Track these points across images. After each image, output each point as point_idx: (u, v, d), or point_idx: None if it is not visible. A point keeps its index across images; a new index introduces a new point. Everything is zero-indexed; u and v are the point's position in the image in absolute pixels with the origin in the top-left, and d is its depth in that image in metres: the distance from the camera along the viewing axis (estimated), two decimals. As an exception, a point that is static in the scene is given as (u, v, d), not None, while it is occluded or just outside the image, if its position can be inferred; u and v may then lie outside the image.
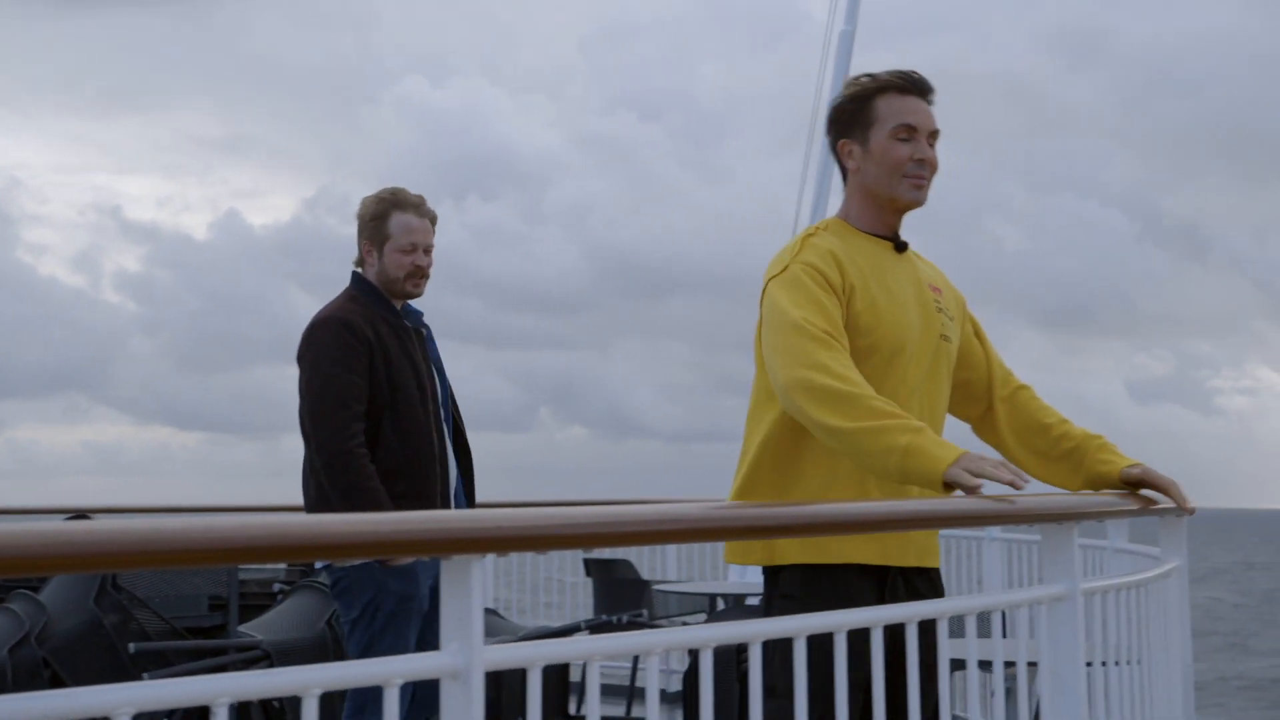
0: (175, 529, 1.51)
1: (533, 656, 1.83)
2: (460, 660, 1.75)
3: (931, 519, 2.76)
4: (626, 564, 8.55)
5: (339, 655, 5.56)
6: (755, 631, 2.09)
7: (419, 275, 4.16)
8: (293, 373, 4.09)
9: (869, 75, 3.10)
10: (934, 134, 3.06)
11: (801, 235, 3.05)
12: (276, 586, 6.40)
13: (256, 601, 6.26)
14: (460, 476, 4.23)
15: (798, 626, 2.19)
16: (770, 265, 3.02)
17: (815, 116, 10.26)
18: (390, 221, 4.14)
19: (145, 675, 5.16)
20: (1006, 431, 3.20)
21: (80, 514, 6.64)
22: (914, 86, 3.06)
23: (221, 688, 1.60)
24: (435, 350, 4.25)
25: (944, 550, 7.95)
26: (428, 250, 4.18)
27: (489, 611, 7.29)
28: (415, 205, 4.17)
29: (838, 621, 2.24)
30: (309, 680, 1.64)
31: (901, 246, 3.10)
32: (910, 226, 3.14)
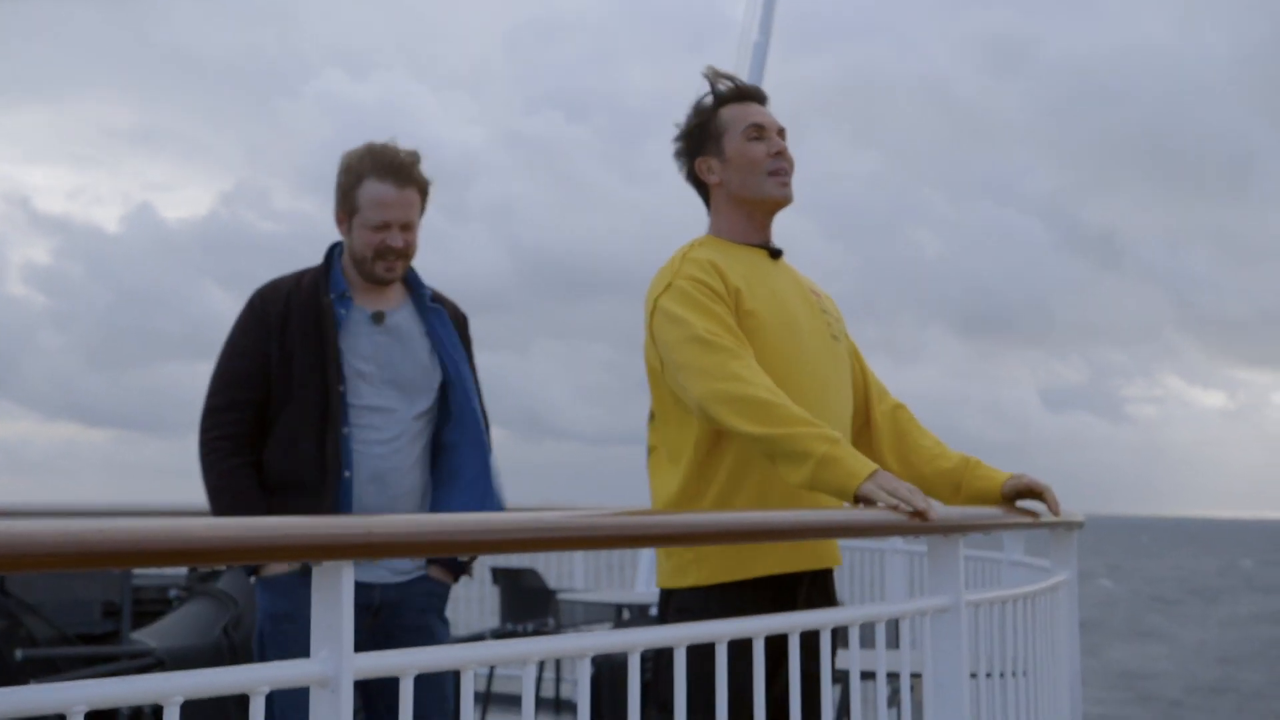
0: (30, 531, 1.47)
1: (404, 665, 1.81)
2: (329, 668, 1.72)
3: (820, 528, 2.77)
4: (532, 573, 8.52)
5: (234, 664, 5.48)
6: (633, 641, 2.08)
7: (392, 256, 3.42)
8: (204, 369, 3.57)
9: (706, 94, 3.17)
10: (782, 131, 3.15)
11: (679, 252, 3.07)
12: (173, 593, 6.30)
13: (152, 608, 6.16)
14: (446, 496, 3.48)
15: (678, 636, 2.19)
16: (652, 285, 3.03)
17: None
18: (361, 190, 3.41)
19: (33, 683, 5.05)
20: (885, 448, 3.23)
21: (-30, 517, 6.49)
22: (749, 94, 3.17)
23: (78, 695, 1.56)
24: (444, 337, 3.50)
25: (846, 561, 8.01)
26: (406, 227, 3.42)
27: None
28: (395, 171, 3.41)
29: (719, 631, 2.24)
30: (170, 688, 1.61)
31: (776, 253, 3.14)
32: (833, 230, 3.26)
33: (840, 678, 2.80)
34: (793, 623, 2.39)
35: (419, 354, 3.47)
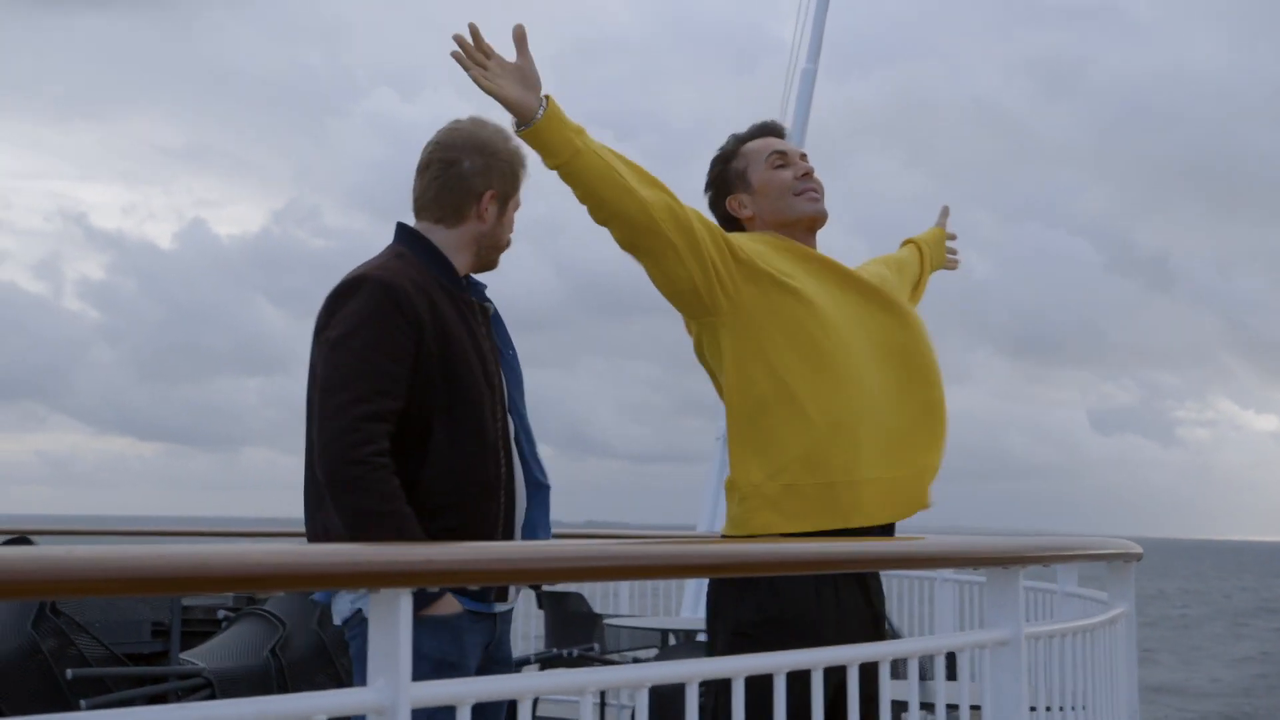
0: (97, 558, 1.47)
1: (461, 694, 1.80)
2: (386, 697, 1.71)
3: (878, 560, 2.74)
4: (578, 597, 8.48)
5: (282, 685, 5.49)
6: (692, 671, 2.05)
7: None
8: (254, 385, 3.07)
9: (731, 138, 3.26)
10: (804, 156, 3.22)
11: None
12: (221, 614, 6.32)
13: (200, 629, 6.17)
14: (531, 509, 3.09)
15: (737, 667, 2.16)
16: None
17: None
18: (523, 174, 3.14)
19: (83, 702, 5.07)
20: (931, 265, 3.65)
21: (21, 538, 6.54)
22: (766, 130, 3.26)
23: (136, 721, 1.55)
24: (507, 338, 3.16)
25: (895, 591, 7.93)
26: None
27: None
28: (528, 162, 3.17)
29: (779, 663, 2.21)
30: (227, 715, 1.60)
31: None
32: (882, 250, 3.62)
33: (899, 709, 2.76)
34: (852, 655, 2.36)
35: None
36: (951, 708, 2.96)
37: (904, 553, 2.69)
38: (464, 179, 3.05)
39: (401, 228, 3.07)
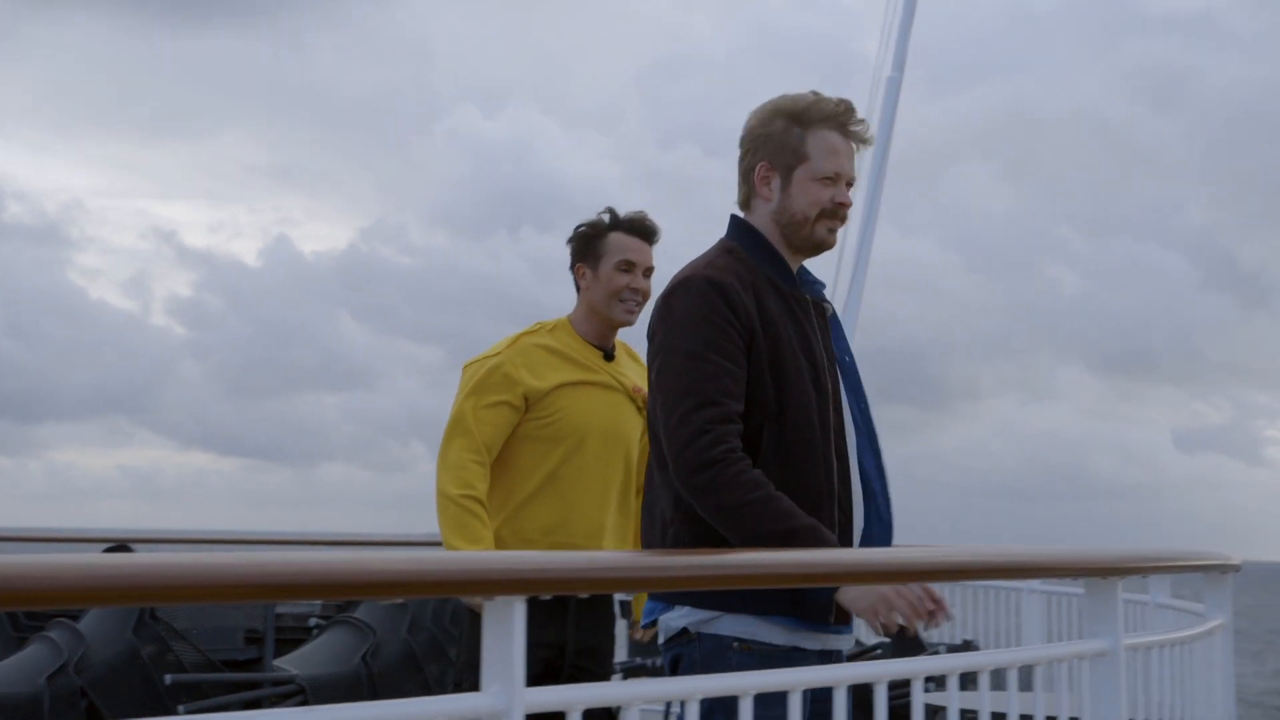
0: (215, 564, 1.51)
1: (571, 700, 1.83)
2: (501, 702, 1.75)
3: (974, 569, 2.75)
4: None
5: (373, 692, 5.56)
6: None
7: (837, 218, 2.85)
8: (334, 401, 2.89)
9: (606, 211, 3.74)
10: (649, 270, 3.71)
11: (518, 333, 3.70)
12: (313, 621, 6.42)
13: (292, 636, 6.28)
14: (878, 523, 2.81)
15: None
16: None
17: (862, 162, 10.28)
18: (811, 137, 2.81)
19: (181, 707, 5.17)
20: None
21: (121, 545, 6.68)
22: (641, 231, 3.73)
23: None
24: (844, 341, 2.91)
25: (980, 602, 7.86)
26: (850, 184, 2.88)
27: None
28: (841, 122, 2.84)
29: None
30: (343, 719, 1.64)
31: (610, 355, 3.73)
32: (976, 264, 3.32)
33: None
34: (952, 664, 2.37)
35: None
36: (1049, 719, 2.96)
37: (1000, 561, 2.69)
38: (741, 160, 2.90)
39: (733, 220, 2.90)
